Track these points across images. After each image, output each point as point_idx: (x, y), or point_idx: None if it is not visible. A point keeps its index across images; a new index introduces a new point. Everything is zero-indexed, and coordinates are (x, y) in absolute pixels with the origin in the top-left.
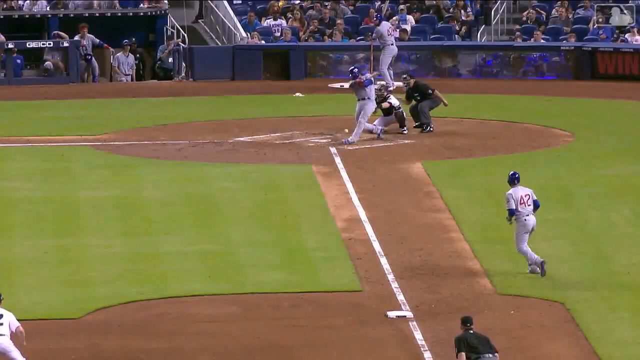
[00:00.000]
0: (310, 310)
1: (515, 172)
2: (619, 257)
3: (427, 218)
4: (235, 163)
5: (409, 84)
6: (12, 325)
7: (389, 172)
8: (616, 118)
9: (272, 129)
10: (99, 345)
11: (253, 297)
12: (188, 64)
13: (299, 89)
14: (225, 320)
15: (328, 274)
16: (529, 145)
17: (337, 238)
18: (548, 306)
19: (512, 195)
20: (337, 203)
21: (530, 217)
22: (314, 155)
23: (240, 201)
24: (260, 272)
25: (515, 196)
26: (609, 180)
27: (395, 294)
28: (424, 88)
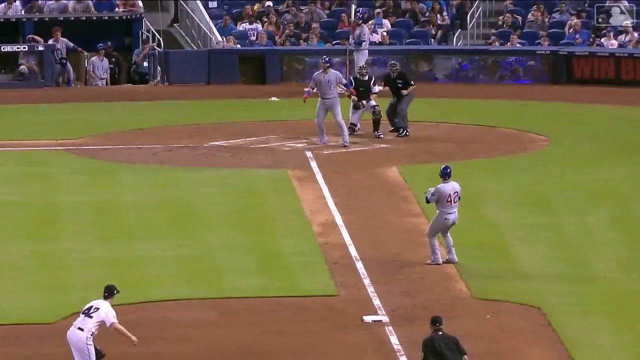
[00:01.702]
0: (287, 315)
1: (447, 166)
2: (597, 262)
3: (404, 223)
4: (211, 167)
5: (395, 72)
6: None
7: (365, 176)
8: (593, 122)
9: (248, 133)
10: None
11: (231, 302)
12: (163, 68)
13: (275, 93)
14: (203, 325)
15: (305, 279)
16: (505, 149)
17: (313, 243)
18: (525, 311)
19: (440, 191)
20: (313, 207)
21: (452, 215)
22: (290, 160)
23: (216, 206)
24: (237, 277)
25: (444, 193)
26: (587, 184)
27: (372, 299)
28: (407, 77)
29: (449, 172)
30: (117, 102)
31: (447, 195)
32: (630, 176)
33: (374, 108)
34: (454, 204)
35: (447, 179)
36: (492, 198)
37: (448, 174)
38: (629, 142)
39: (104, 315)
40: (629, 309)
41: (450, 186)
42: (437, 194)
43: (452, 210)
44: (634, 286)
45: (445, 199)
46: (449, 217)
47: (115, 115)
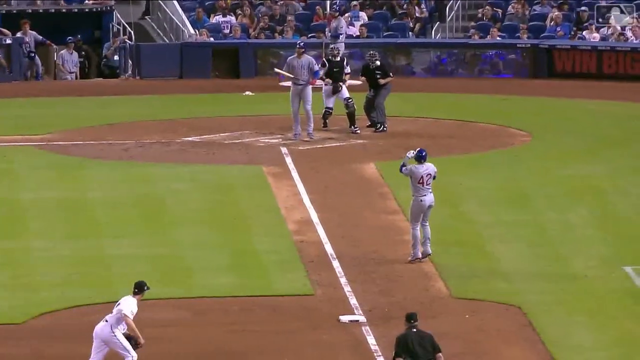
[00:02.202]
0: (261, 314)
1: (423, 149)
2: (577, 260)
3: (381, 220)
4: (184, 163)
5: (375, 62)
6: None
7: (341, 172)
8: (574, 117)
9: (221, 128)
10: (44, 352)
11: (203, 302)
12: (135, 62)
13: (249, 87)
14: (174, 325)
15: (279, 278)
16: (485, 145)
17: (288, 240)
18: (504, 310)
19: (413, 172)
20: (288, 204)
21: (427, 197)
22: (264, 156)
23: (189, 203)
24: (210, 275)
25: (416, 173)
26: (567, 180)
27: (348, 298)
28: (386, 68)
29: (425, 156)
30: (87, 97)
31: (420, 177)
32: (611, 172)
33: (347, 101)
34: (426, 185)
35: (422, 162)
36: (471, 194)
37: (423, 157)
38: (610, 137)
39: (120, 308)
40: (610, 308)
41: (424, 168)
42: (410, 172)
43: (425, 192)
44: (615, 284)
45: (417, 179)
46: (423, 199)
47: (85, 110)
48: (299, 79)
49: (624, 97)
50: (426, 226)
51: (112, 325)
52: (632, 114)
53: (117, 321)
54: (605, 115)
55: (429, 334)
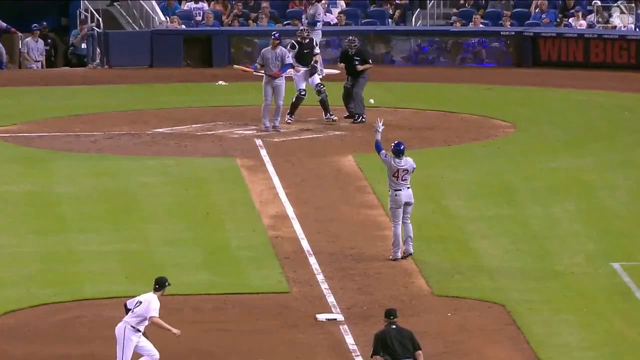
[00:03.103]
0: (235, 313)
1: (400, 143)
2: (563, 256)
3: (359, 214)
4: (154, 156)
5: (354, 48)
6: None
7: (318, 165)
8: (559, 108)
9: (193, 119)
10: (8, 351)
11: (174, 300)
12: (103, 50)
13: (222, 77)
14: None
15: (254, 275)
16: (467, 136)
17: (263, 236)
18: (487, 308)
19: (390, 163)
20: (263, 199)
21: (402, 192)
22: (238, 148)
23: (159, 197)
24: (181, 272)
25: (392, 167)
26: (552, 174)
27: (325, 296)
28: (365, 55)
29: (402, 150)
30: (54, 87)
31: (395, 170)
32: (598, 164)
33: (318, 87)
34: (401, 180)
35: (401, 157)
36: (453, 188)
37: (401, 152)
38: (597, 128)
39: (143, 309)
40: (597, 306)
41: (402, 162)
42: (385, 161)
43: (401, 187)
44: (602, 281)
45: (392, 172)
46: (399, 194)
47: (51, 100)
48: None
49: (612, 87)
50: (408, 224)
51: (131, 326)
52: (620, 105)
53: (139, 323)
54: (592, 106)
55: (408, 331)
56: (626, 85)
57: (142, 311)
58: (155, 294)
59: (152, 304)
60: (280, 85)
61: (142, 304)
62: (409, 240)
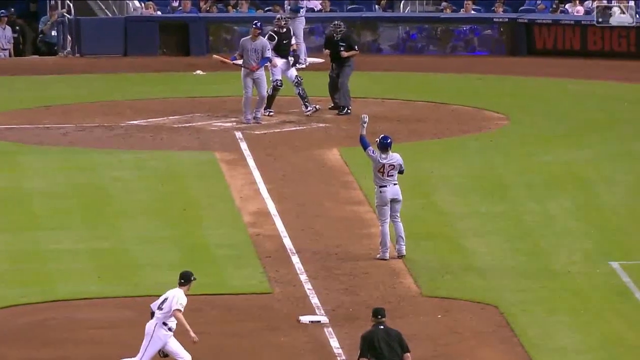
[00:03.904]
0: (213, 314)
1: (387, 136)
2: (559, 254)
3: (345, 211)
4: (129, 150)
5: (339, 33)
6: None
7: (301, 159)
8: (555, 98)
9: (170, 111)
10: None
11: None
12: (74, 38)
13: (200, 66)
14: (118, 327)
15: (234, 274)
16: (458, 129)
17: (243, 234)
18: (480, 309)
19: (376, 158)
20: (243, 194)
21: (388, 189)
22: (217, 141)
23: (134, 192)
24: (157, 272)
25: (377, 162)
26: (548, 168)
27: (309, 297)
28: (352, 42)
29: (389, 144)
30: (22, 76)
31: (380, 166)
32: (596, 158)
33: (297, 79)
34: (387, 177)
35: (387, 152)
36: (443, 183)
37: (388, 146)
38: (595, 120)
39: (170, 304)
40: (594, 307)
41: (388, 159)
42: (372, 157)
43: (386, 183)
44: (600, 281)
45: (377, 168)
46: (384, 190)
47: (20, 90)
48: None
49: (610, 77)
50: (397, 222)
51: (162, 323)
52: (618, 95)
53: (167, 317)
54: (590, 97)
55: (397, 332)
56: (625, 75)
57: (169, 306)
58: (181, 289)
59: (178, 298)
60: (260, 76)
61: (168, 299)
62: (400, 241)
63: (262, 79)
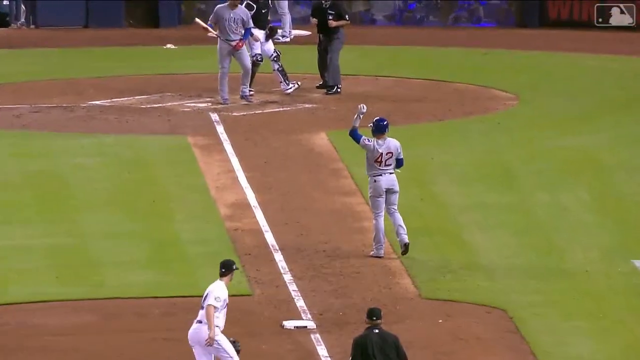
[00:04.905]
0: (186, 319)
1: (383, 119)
2: (574, 251)
3: (334, 202)
4: (91, 134)
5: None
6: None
7: (285, 144)
8: (570, 76)
9: (137, 90)
10: None
11: (114, 303)
12: (29, 7)
13: (171, 40)
14: (78, 333)
15: (209, 274)
16: (461, 110)
17: (220, 228)
18: (486, 313)
19: (374, 147)
20: (220, 184)
21: (384, 177)
22: (190, 124)
23: (97, 182)
24: (122, 271)
25: (376, 150)
26: (561, 153)
27: (294, 299)
28: (341, 10)
29: (385, 126)
30: None
31: (378, 155)
32: (614, 141)
33: (275, 53)
34: (385, 166)
35: (382, 135)
36: (444, 171)
37: (384, 128)
38: (613, 99)
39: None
40: (614, 311)
41: (385, 145)
42: (367, 146)
43: (381, 172)
44: (620, 281)
45: (374, 158)
46: (379, 179)
47: None
48: (229, 36)
49: (630, 51)
50: (395, 213)
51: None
52: (638, 71)
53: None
54: (608, 73)
55: (393, 337)
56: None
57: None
58: (222, 281)
59: (215, 292)
60: (240, 50)
61: (208, 295)
62: (400, 230)
63: (243, 52)
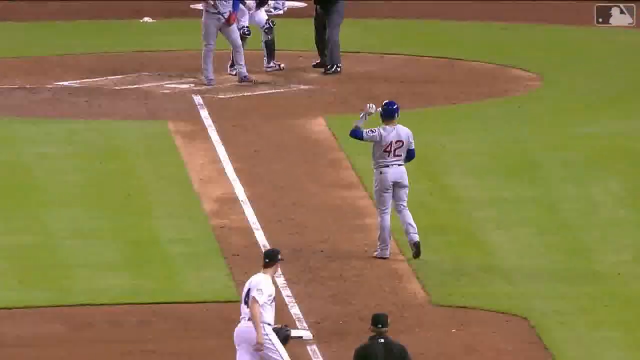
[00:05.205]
0: (165, 328)
1: (392, 102)
2: (605, 252)
3: (333, 197)
4: (58, 119)
5: None
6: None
7: (278, 131)
8: (601, 53)
9: (110, 69)
10: None
11: (84, 311)
12: None
13: (149, 12)
14: (43, 344)
15: (191, 278)
16: (477, 92)
17: (204, 226)
18: (505, 322)
19: (382, 135)
20: (204, 176)
21: (391, 170)
22: (170, 108)
23: (65, 173)
24: (94, 275)
25: (384, 138)
26: (591, 141)
27: (288, 306)
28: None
29: (395, 111)
30: None
31: (388, 143)
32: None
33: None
34: (394, 156)
35: (392, 120)
36: (458, 161)
37: (394, 113)
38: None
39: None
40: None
41: (395, 132)
42: (373, 137)
43: (390, 163)
44: None
45: (384, 146)
46: (385, 171)
47: None
48: (217, 10)
49: None
50: (404, 210)
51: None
52: None
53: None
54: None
55: (400, 348)
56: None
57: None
58: (266, 273)
59: (260, 284)
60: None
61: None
62: (410, 229)
63: (232, 29)
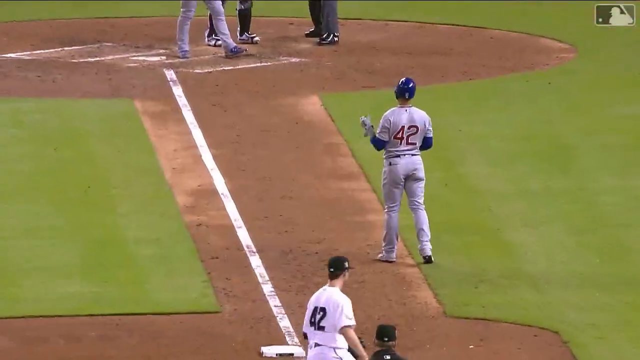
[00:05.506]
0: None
1: (409, 79)
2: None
3: (330, 188)
4: (4, 97)
5: None
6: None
7: (264, 111)
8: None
9: (67, 38)
10: None
11: (35, 323)
12: None
13: None
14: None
15: (162, 284)
16: (499, 66)
17: (177, 223)
18: (532, 336)
19: (390, 120)
20: (177, 164)
21: (403, 160)
22: (138, 84)
23: (12, 161)
24: (47, 281)
25: (395, 122)
26: (633, 123)
27: (276, 317)
28: None
29: (407, 89)
30: None
31: (399, 128)
32: None
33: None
34: (407, 144)
35: (406, 101)
36: (477, 147)
37: (404, 91)
38: None
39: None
40: None
41: (408, 115)
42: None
43: (401, 152)
44: None
45: (395, 131)
46: (396, 162)
47: None
48: None
49: None
50: (419, 211)
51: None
52: None
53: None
54: None
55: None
56: None
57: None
58: (334, 285)
59: (346, 306)
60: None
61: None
62: (423, 236)
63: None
